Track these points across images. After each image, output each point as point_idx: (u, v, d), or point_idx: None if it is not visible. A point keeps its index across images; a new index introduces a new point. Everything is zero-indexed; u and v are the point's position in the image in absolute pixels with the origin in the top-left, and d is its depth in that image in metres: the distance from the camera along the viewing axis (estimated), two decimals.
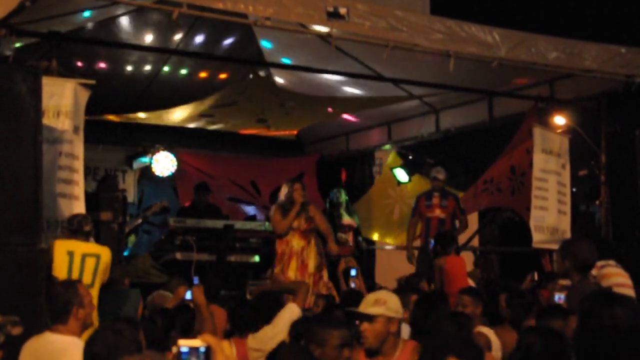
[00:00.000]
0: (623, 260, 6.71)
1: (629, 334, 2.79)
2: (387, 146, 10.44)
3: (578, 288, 4.78)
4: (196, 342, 1.73)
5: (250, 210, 10.96)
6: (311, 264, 7.24)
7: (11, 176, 4.66)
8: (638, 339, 2.80)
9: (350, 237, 9.52)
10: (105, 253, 5.46)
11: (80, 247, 5.37)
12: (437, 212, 8.38)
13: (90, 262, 5.34)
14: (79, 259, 5.30)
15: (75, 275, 5.24)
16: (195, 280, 6.39)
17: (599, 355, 2.81)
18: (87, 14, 6.92)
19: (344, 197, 9.74)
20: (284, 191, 7.37)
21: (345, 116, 10.44)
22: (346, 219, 9.56)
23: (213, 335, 4.54)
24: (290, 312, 4.76)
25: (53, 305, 3.99)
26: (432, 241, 7.75)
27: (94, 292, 5.17)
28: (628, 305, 2.92)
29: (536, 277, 6.58)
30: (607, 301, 2.94)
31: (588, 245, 5.02)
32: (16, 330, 3.17)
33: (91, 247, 5.46)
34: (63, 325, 3.90)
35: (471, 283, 6.98)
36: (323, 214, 7.70)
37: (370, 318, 3.88)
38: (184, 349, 1.71)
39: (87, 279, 5.26)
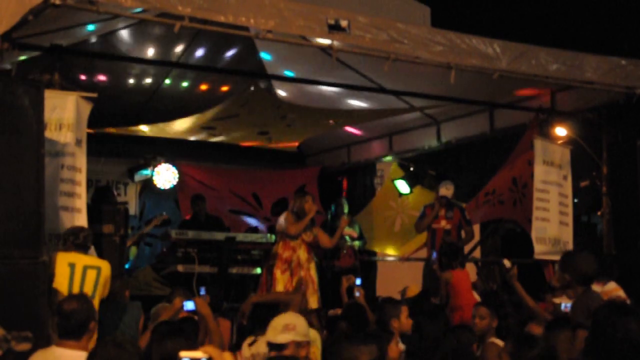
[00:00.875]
0: (625, 270, 6.73)
1: None
2: (389, 158, 10.45)
3: (582, 301, 4.77)
4: (198, 354, 1.73)
5: (251, 222, 10.95)
6: (316, 278, 7.39)
7: (13, 189, 4.66)
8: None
9: (349, 249, 9.54)
10: (105, 266, 5.47)
11: (82, 259, 5.37)
12: (443, 224, 8.38)
13: (91, 274, 5.34)
14: (80, 271, 5.30)
15: (76, 286, 5.23)
16: (202, 290, 6.36)
17: None
18: (89, 27, 6.95)
19: (346, 208, 9.78)
20: (295, 203, 7.45)
21: (348, 128, 10.46)
22: (346, 230, 9.59)
23: (220, 347, 4.54)
24: None
25: (68, 320, 3.92)
26: (434, 253, 7.75)
27: (95, 304, 5.16)
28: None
29: (508, 264, 6.46)
30: (619, 312, 2.93)
31: (587, 257, 5.00)
32: (22, 347, 3.15)
33: (92, 259, 5.47)
34: (76, 340, 3.86)
35: (476, 296, 6.97)
36: (324, 231, 7.80)
37: (280, 347, 3.87)
38: None
39: (87, 290, 5.24)
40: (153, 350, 3.78)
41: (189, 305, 4.81)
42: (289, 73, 8.60)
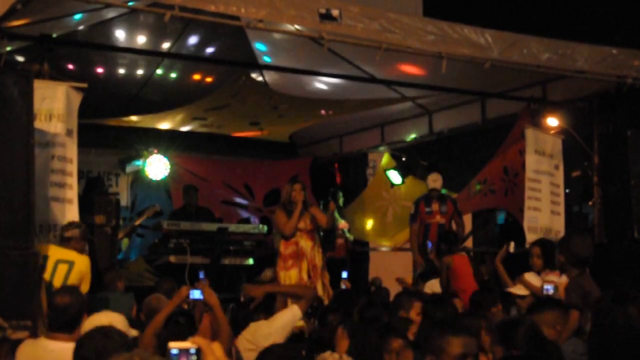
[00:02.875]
0: (616, 260, 6.76)
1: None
2: (381, 148, 10.45)
3: (577, 282, 4.79)
4: (186, 344, 1.71)
5: (243, 212, 10.94)
6: (319, 264, 7.32)
7: (3, 180, 4.64)
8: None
9: (342, 240, 9.56)
10: (81, 261, 5.42)
11: (56, 252, 5.35)
12: (437, 218, 8.40)
13: (62, 269, 5.31)
14: (51, 264, 5.28)
15: (45, 279, 5.20)
16: (201, 275, 6.34)
17: (613, 353, 2.81)
18: (79, 17, 6.90)
19: (341, 200, 9.78)
20: (284, 192, 7.40)
21: (340, 119, 10.43)
22: (342, 223, 9.61)
23: (229, 336, 4.50)
24: (293, 314, 4.72)
25: (62, 314, 3.91)
26: (429, 242, 7.79)
27: None
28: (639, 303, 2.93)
29: (512, 249, 6.55)
30: (620, 300, 2.94)
31: (582, 240, 5.02)
32: (18, 335, 3.15)
33: (67, 253, 5.41)
34: (68, 333, 3.84)
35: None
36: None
37: None
38: (174, 351, 1.70)
39: (57, 283, 5.23)
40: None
41: (196, 294, 4.74)
42: (267, 59, 8.53)
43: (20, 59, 6.95)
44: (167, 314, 4.60)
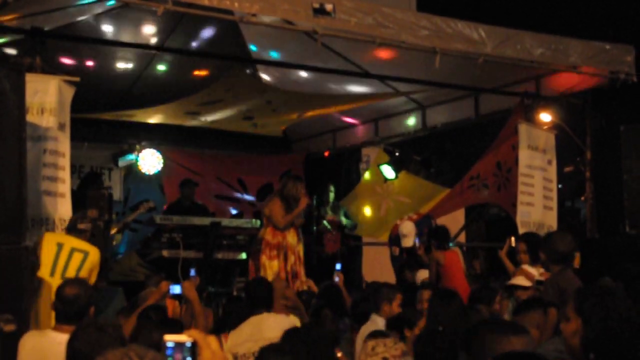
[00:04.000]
0: (608, 255, 6.79)
1: (629, 324, 2.81)
2: (374, 143, 10.45)
3: (554, 280, 4.85)
4: (182, 337, 1.72)
5: (237, 207, 10.94)
6: (303, 257, 7.47)
7: None
8: (636, 330, 2.82)
9: (335, 234, 9.58)
10: (94, 252, 5.44)
11: (71, 241, 5.36)
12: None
13: (77, 257, 5.32)
14: (67, 252, 5.28)
15: (60, 266, 5.21)
16: (192, 272, 6.35)
17: (592, 346, 2.81)
18: (71, 10, 6.86)
19: (332, 195, 9.80)
20: (286, 185, 7.38)
21: (334, 113, 10.43)
22: (329, 216, 9.62)
23: (205, 330, 4.52)
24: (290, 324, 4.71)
25: (70, 306, 3.91)
26: (417, 238, 7.82)
27: None
28: (621, 297, 2.94)
29: (513, 243, 6.61)
30: (605, 296, 2.94)
31: (563, 237, 5.08)
32: (9, 327, 3.15)
33: (81, 243, 5.43)
34: (75, 325, 3.74)
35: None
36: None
37: None
38: (170, 344, 1.70)
39: (70, 272, 5.23)
40: (140, 336, 3.77)
41: (176, 289, 4.78)
42: (274, 54, 8.54)
43: (11, 52, 6.92)
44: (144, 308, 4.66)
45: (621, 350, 2.77)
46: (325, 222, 9.62)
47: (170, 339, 1.70)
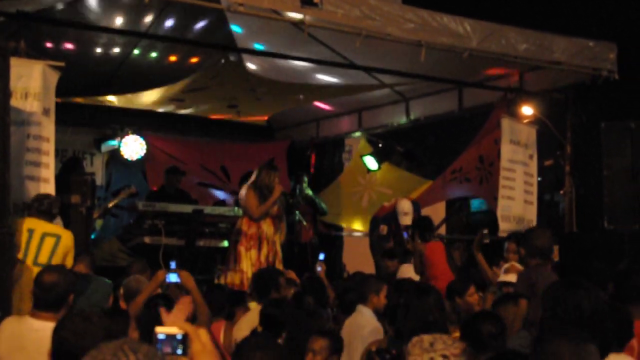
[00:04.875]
0: (586, 250, 6.89)
1: (592, 319, 2.89)
2: (358, 133, 10.49)
3: (525, 274, 4.95)
4: (173, 329, 1.74)
5: (219, 195, 10.93)
6: (279, 250, 7.42)
7: None
8: (601, 322, 2.90)
9: (308, 223, 9.60)
10: (66, 235, 5.42)
11: (42, 225, 5.34)
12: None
13: (49, 242, 5.30)
14: (38, 237, 5.26)
15: (32, 252, 5.20)
16: (173, 265, 6.34)
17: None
18: None
19: (305, 185, 9.82)
20: (260, 175, 7.37)
21: (317, 103, 10.46)
22: (302, 206, 9.66)
23: (208, 319, 4.51)
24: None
25: (48, 293, 3.88)
26: (405, 233, 7.88)
27: None
28: (590, 291, 3.02)
29: (486, 239, 6.69)
30: (571, 288, 3.03)
31: (542, 233, 5.18)
32: None
33: (53, 227, 5.42)
34: (53, 312, 3.81)
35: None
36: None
37: None
38: (161, 336, 1.72)
39: (43, 258, 5.22)
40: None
41: (172, 277, 4.76)
42: (258, 46, 8.54)
43: None
44: (145, 297, 4.62)
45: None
46: (297, 212, 9.63)
47: (161, 331, 1.72)
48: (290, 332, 4.43)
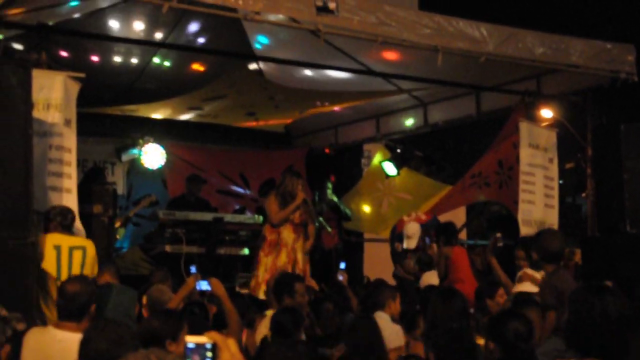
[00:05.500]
0: (608, 252, 6.83)
1: (618, 323, 2.88)
2: (376, 139, 10.48)
3: (550, 282, 4.87)
4: (202, 339, 1.75)
5: (238, 203, 10.98)
6: (300, 258, 7.35)
7: (1, 169, 4.66)
8: (627, 327, 2.89)
9: (333, 230, 9.60)
10: (90, 245, 5.48)
11: (67, 240, 5.39)
12: None
13: (77, 255, 5.35)
14: (66, 253, 5.31)
15: (64, 269, 5.24)
16: (193, 269, 6.37)
17: (588, 344, 2.88)
18: (74, 4, 6.88)
19: (329, 191, 9.83)
20: (287, 182, 7.38)
21: (336, 109, 10.47)
22: (327, 212, 9.67)
23: (239, 327, 4.51)
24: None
25: (71, 302, 3.92)
26: (427, 238, 7.89)
27: None
28: (616, 295, 3.01)
29: (500, 242, 6.67)
30: (598, 292, 3.01)
31: (553, 236, 5.13)
32: (21, 326, 3.19)
33: (77, 240, 5.47)
34: (76, 323, 3.85)
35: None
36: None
37: None
38: (190, 345, 1.73)
39: (75, 271, 5.26)
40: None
41: (203, 285, 4.76)
42: (262, 39, 8.55)
43: (17, 46, 6.94)
44: (176, 305, 4.62)
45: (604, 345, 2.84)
46: (321, 218, 9.65)
47: (191, 340, 1.73)
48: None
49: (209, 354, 1.73)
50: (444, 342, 3.50)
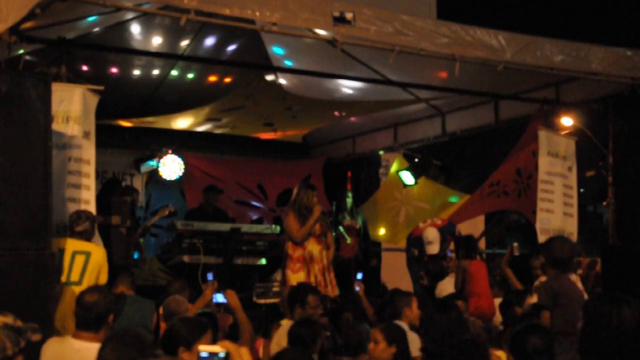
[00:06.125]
0: (630, 261, 6.75)
1: (635, 334, 2.84)
2: (394, 149, 10.46)
3: (547, 284, 4.93)
4: (216, 348, 1.75)
5: (256, 214, 11.00)
6: (327, 264, 7.34)
7: (21, 181, 4.70)
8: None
9: (353, 239, 9.57)
10: (96, 252, 5.47)
11: (72, 244, 5.40)
12: None
13: (79, 260, 5.36)
14: (68, 256, 5.33)
15: (64, 271, 5.26)
16: (210, 276, 6.38)
17: (605, 355, 2.85)
18: (93, 18, 6.96)
19: (349, 200, 9.80)
20: (298, 195, 7.34)
21: (353, 119, 10.47)
22: (347, 221, 9.64)
23: (251, 338, 4.53)
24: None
25: (89, 312, 3.95)
26: (449, 251, 7.85)
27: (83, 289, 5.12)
28: (633, 305, 2.97)
29: (516, 252, 6.63)
30: (614, 302, 2.98)
31: (563, 243, 5.15)
32: (36, 337, 3.20)
33: (82, 244, 5.46)
34: (94, 333, 3.87)
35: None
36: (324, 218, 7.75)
37: None
38: (204, 354, 1.73)
39: (74, 276, 5.30)
40: None
41: (219, 297, 4.79)
42: (288, 62, 8.60)
43: (35, 60, 7.02)
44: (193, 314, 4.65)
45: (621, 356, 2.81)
46: (341, 227, 9.62)
47: (204, 349, 1.73)
48: None
49: None
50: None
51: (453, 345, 3.57)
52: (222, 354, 1.74)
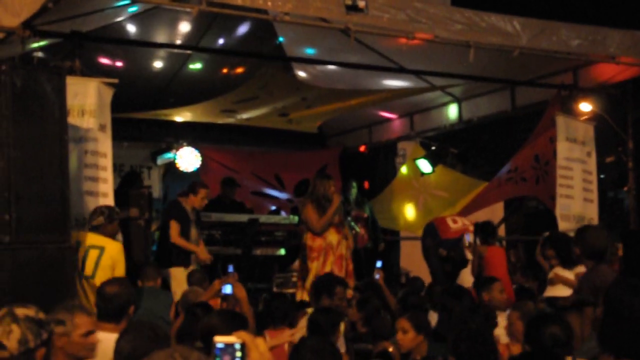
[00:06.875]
0: None
1: None
2: (410, 137, 10.41)
3: (589, 278, 4.80)
4: (231, 339, 1.74)
5: (274, 205, 11.00)
6: (345, 254, 7.29)
7: (38, 175, 4.73)
8: None
9: (362, 229, 9.52)
10: (112, 247, 5.49)
11: (88, 238, 5.44)
12: None
13: (93, 254, 5.40)
14: (83, 250, 5.37)
15: (77, 265, 5.30)
16: (231, 268, 6.40)
17: (624, 343, 2.81)
18: (108, 11, 6.98)
19: (354, 190, 9.72)
20: (314, 186, 7.32)
21: (369, 108, 10.43)
22: (354, 211, 9.60)
23: (252, 330, 4.56)
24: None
25: (110, 303, 3.97)
26: (467, 235, 7.78)
27: (95, 283, 5.15)
28: None
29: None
30: (633, 292, 2.94)
31: (597, 233, 5.04)
32: (59, 329, 3.23)
33: (98, 239, 5.49)
34: (115, 324, 3.90)
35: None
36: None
37: None
38: (220, 345, 1.72)
39: (88, 270, 5.35)
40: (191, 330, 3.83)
41: (227, 288, 4.80)
42: (309, 51, 8.56)
43: (46, 55, 7.05)
44: None
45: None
46: (349, 218, 9.58)
47: (220, 340, 1.72)
48: None
49: (239, 353, 1.73)
50: (465, 346, 3.46)
51: (459, 332, 3.56)
52: (238, 345, 1.74)
